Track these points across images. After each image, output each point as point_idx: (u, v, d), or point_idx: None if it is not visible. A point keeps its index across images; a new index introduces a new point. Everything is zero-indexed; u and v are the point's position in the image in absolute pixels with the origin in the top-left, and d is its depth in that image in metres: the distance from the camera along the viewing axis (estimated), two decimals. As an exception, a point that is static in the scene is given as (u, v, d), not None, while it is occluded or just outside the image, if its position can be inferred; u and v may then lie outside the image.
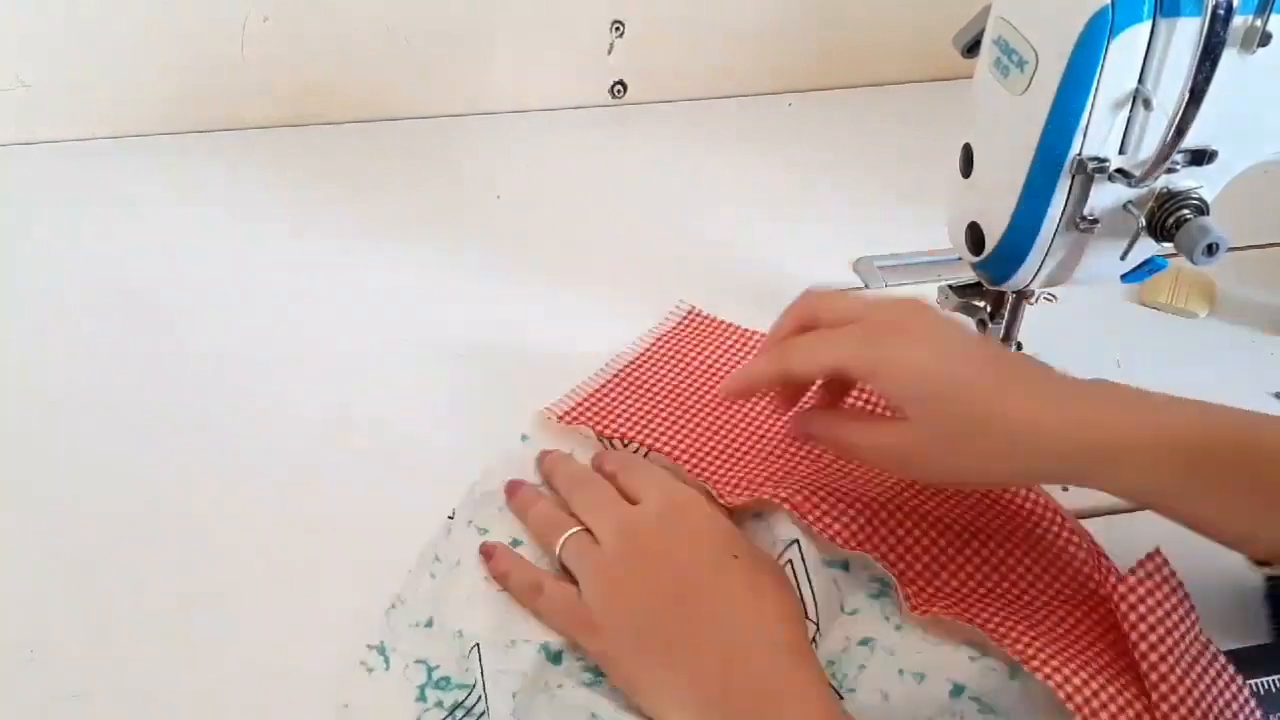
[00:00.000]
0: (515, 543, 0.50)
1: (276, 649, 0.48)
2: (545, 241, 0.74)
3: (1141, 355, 0.65)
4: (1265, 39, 0.46)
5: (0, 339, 0.64)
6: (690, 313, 0.67)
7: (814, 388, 0.52)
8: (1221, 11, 0.43)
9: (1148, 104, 0.46)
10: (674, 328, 0.66)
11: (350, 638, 0.48)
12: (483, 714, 0.43)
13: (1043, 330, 0.64)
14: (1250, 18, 0.45)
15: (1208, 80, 0.45)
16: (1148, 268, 0.55)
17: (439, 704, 0.45)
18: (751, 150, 0.86)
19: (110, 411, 0.59)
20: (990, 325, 0.61)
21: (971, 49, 0.53)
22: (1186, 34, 0.45)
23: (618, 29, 0.87)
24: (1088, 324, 0.67)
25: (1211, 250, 0.48)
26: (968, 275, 0.60)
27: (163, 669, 0.47)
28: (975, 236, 0.55)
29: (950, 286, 0.61)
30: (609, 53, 0.88)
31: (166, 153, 0.82)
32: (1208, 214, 0.49)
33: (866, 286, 0.71)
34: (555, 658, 0.45)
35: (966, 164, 0.54)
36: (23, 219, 0.75)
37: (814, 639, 0.46)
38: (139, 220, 0.75)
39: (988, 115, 0.52)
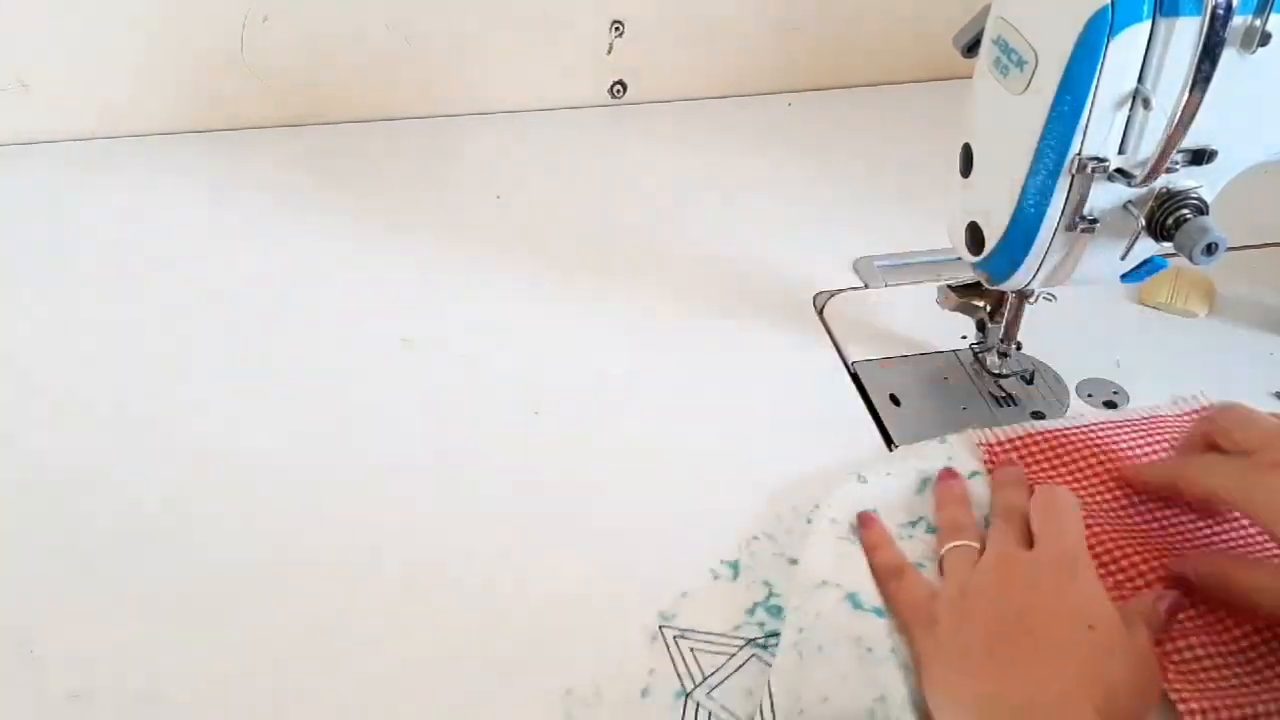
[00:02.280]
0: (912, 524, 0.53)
1: (277, 649, 0.48)
2: (545, 241, 0.74)
3: (1141, 355, 0.65)
4: (1265, 39, 0.46)
5: (0, 338, 0.64)
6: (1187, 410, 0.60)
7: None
8: (1221, 11, 0.43)
9: (1147, 104, 0.46)
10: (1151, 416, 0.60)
11: (351, 634, 0.48)
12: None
13: (1043, 330, 0.64)
14: (1250, 17, 0.45)
15: (1207, 80, 0.44)
16: (1147, 268, 0.55)
17: (760, 625, 0.49)
18: (751, 150, 0.86)
19: (110, 410, 0.59)
20: (990, 325, 0.61)
21: (971, 49, 0.53)
22: (1186, 34, 0.45)
23: (618, 29, 0.87)
24: (1088, 324, 0.67)
25: (1211, 250, 0.48)
26: (968, 275, 0.60)
27: (162, 669, 0.47)
28: (975, 236, 0.55)
29: (950, 286, 0.61)
30: (609, 53, 0.88)
31: (167, 153, 0.82)
32: (1207, 214, 0.49)
33: (866, 286, 0.71)
34: (856, 602, 0.48)
35: (966, 164, 0.54)
36: (23, 219, 0.75)
37: None
38: (139, 220, 0.75)
39: (988, 115, 0.52)
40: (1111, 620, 0.44)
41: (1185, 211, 0.49)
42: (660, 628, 0.49)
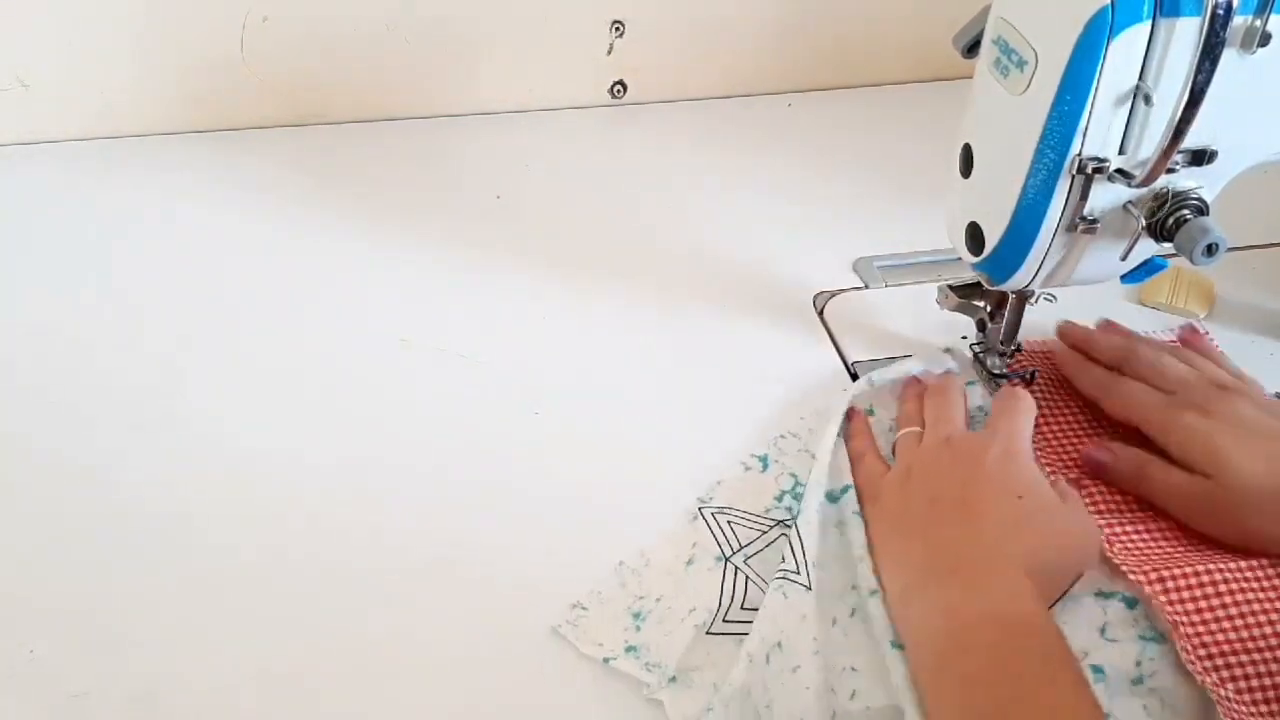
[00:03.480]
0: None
1: (277, 649, 0.48)
2: (545, 241, 0.74)
3: (1141, 355, 0.65)
4: (1265, 39, 0.46)
5: (0, 339, 0.64)
6: None
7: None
8: (1221, 11, 0.43)
9: (1148, 99, 0.46)
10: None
11: (351, 633, 0.48)
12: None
13: (1043, 330, 0.64)
14: (1250, 18, 0.45)
15: (1208, 80, 0.44)
16: (1147, 268, 0.55)
17: (789, 509, 0.55)
18: (751, 150, 0.86)
19: (110, 411, 0.59)
20: (990, 325, 0.61)
21: (971, 49, 0.53)
22: (1186, 34, 0.45)
23: (618, 29, 0.87)
24: (1088, 324, 0.67)
25: (1211, 250, 0.48)
26: (968, 275, 0.60)
27: (162, 669, 0.47)
28: (975, 236, 0.55)
29: (950, 286, 0.61)
30: (609, 53, 0.88)
31: (167, 153, 0.82)
32: (1208, 214, 0.49)
33: (866, 286, 0.71)
34: (831, 497, 0.54)
35: (966, 164, 0.54)
36: (23, 219, 0.75)
37: None
38: (139, 220, 0.75)
39: (988, 115, 0.52)
40: (1039, 490, 0.50)
41: (1185, 212, 0.49)
42: (700, 508, 0.55)
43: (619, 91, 0.90)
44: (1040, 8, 0.48)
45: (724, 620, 0.49)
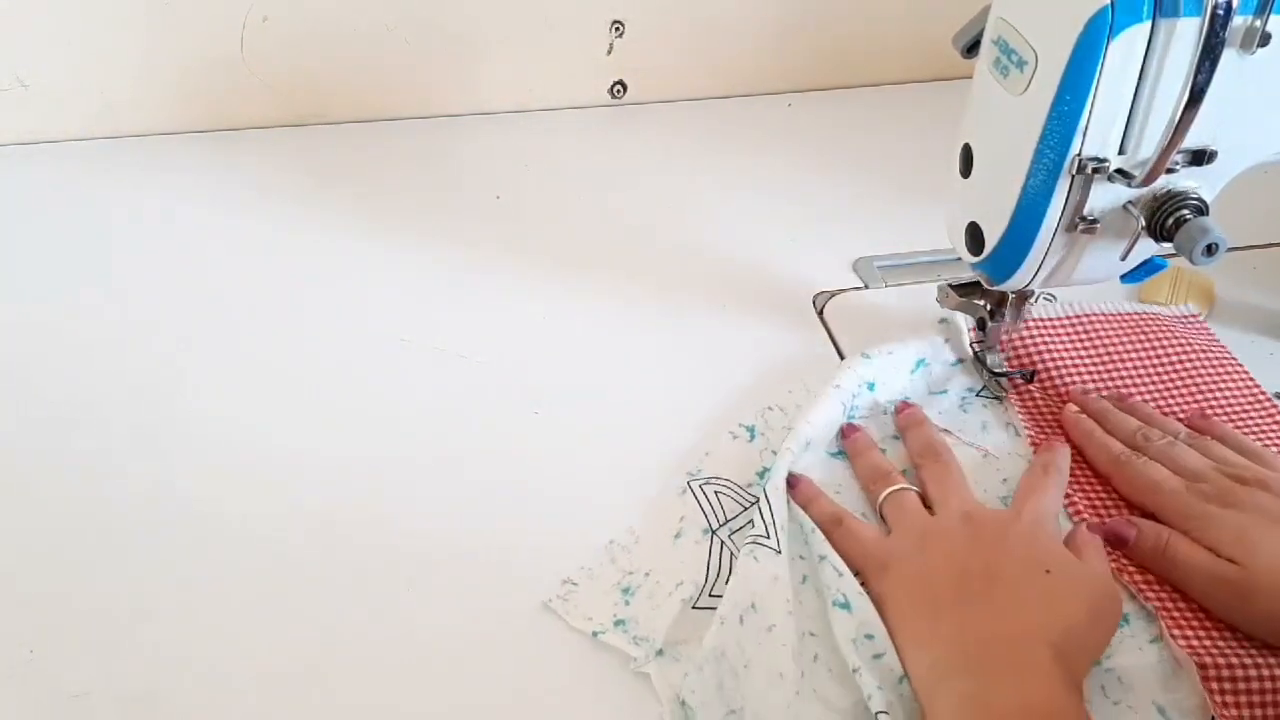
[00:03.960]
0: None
1: (277, 648, 0.48)
2: (545, 241, 0.74)
3: (1141, 355, 0.65)
4: (1265, 39, 0.46)
5: (0, 339, 0.64)
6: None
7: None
8: (1221, 11, 0.43)
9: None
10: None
11: (351, 633, 0.48)
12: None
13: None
14: (1250, 18, 0.45)
15: (1208, 80, 0.45)
16: (1147, 268, 0.55)
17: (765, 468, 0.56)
18: (751, 150, 0.86)
19: (110, 411, 0.59)
20: (990, 325, 0.61)
21: (971, 49, 0.53)
22: (1186, 34, 0.45)
23: (618, 29, 0.87)
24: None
25: (1211, 250, 0.48)
26: (968, 275, 0.60)
27: (162, 669, 0.47)
28: (975, 236, 0.55)
29: (950, 286, 0.61)
30: (609, 53, 0.88)
31: (166, 153, 0.82)
32: (1207, 214, 0.49)
33: (866, 286, 0.71)
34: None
35: (966, 164, 0.54)
36: (23, 219, 0.75)
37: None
38: (139, 220, 0.75)
39: (988, 115, 0.52)
40: (1066, 563, 0.49)
41: (1185, 212, 0.49)
42: (689, 481, 0.56)
43: (619, 91, 0.90)
44: (1040, 8, 0.48)
45: (710, 595, 0.50)
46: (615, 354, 0.65)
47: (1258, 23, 0.45)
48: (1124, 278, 0.55)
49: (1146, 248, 0.52)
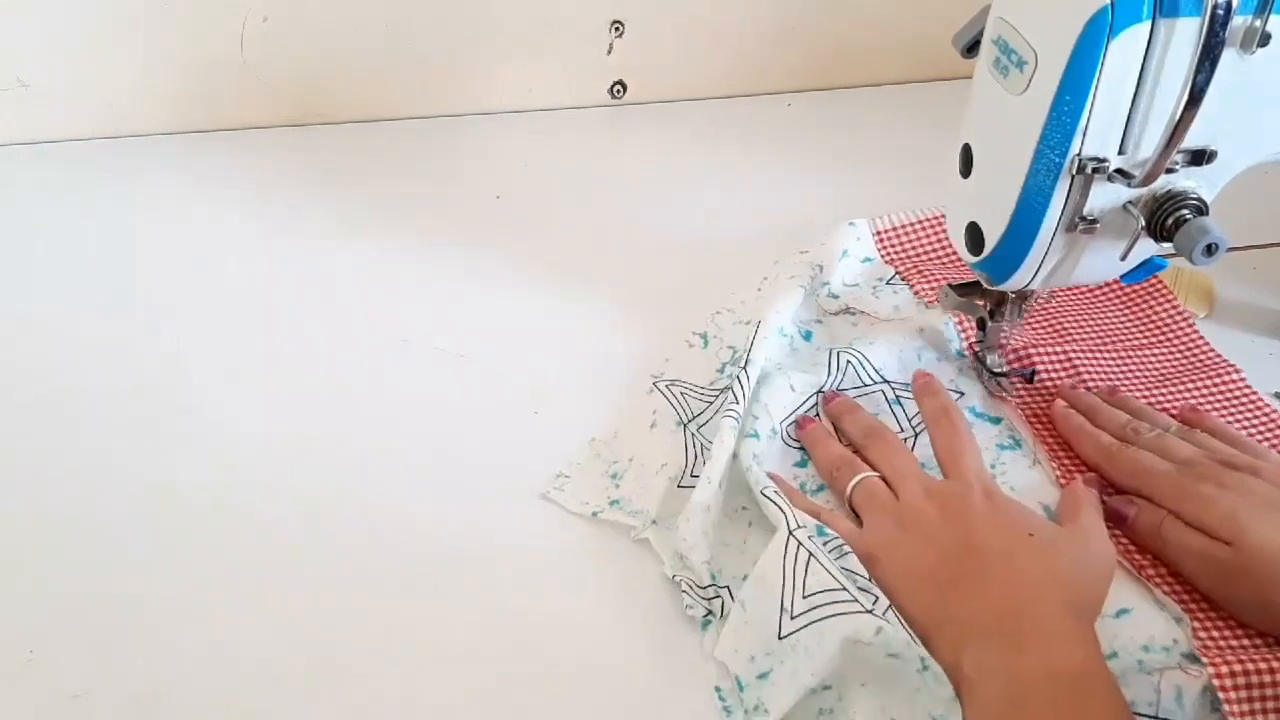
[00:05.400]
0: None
1: (277, 648, 0.48)
2: (545, 241, 0.74)
3: (1141, 355, 0.65)
4: (1265, 39, 0.45)
5: (1, 339, 0.64)
6: None
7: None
8: (1221, 11, 0.43)
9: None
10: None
11: (350, 632, 0.48)
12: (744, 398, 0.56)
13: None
14: (1250, 18, 0.45)
15: (1207, 80, 0.44)
16: (1147, 268, 0.55)
17: (730, 375, 0.60)
18: (751, 150, 0.86)
19: (111, 411, 0.59)
20: (990, 324, 0.61)
21: (971, 49, 0.53)
22: (1186, 34, 0.45)
23: (618, 29, 0.87)
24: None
25: (1211, 250, 0.48)
26: (968, 275, 0.60)
27: (162, 669, 0.47)
28: (975, 236, 0.55)
29: (950, 286, 0.61)
30: (609, 53, 0.88)
31: (166, 153, 0.82)
32: (1207, 214, 0.49)
33: (866, 286, 0.71)
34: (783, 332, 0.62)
35: (966, 164, 0.54)
36: (23, 219, 0.75)
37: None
38: (139, 220, 0.75)
39: (987, 115, 0.52)
40: (1043, 523, 0.51)
41: (1185, 212, 0.49)
42: (654, 382, 0.61)
43: (619, 91, 0.90)
44: (1040, 8, 0.48)
45: (692, 475, 0.54)
46: (615, 353, 0.65)
47: (1258, 23, 0.45)
48: (1124, 278, 0.55)
49: (1146, 248, 0.52)
